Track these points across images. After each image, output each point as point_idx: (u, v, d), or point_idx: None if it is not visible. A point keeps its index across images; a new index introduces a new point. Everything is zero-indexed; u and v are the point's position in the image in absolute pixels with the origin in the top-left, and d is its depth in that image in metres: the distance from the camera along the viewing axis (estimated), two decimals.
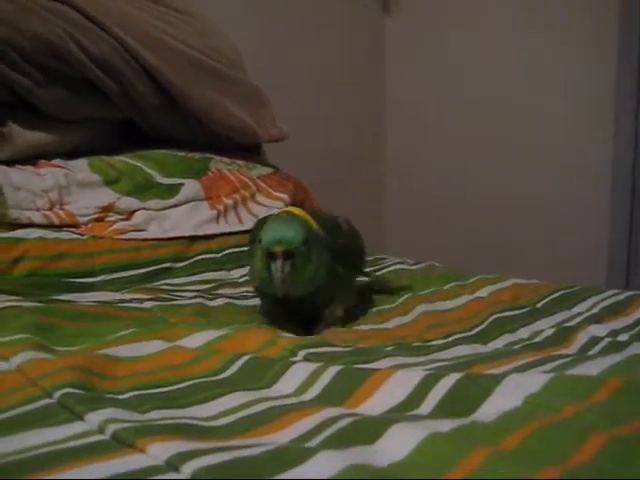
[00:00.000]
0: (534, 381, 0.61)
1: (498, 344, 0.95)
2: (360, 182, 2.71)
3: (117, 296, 1.18)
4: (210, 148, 1.75)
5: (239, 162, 1.74)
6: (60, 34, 1.51)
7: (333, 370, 0.69)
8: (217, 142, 1.77)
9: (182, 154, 1.67)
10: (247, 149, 1.87)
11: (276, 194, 1.67)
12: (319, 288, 1.01)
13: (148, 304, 1.11)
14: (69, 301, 1.10)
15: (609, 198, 2.27)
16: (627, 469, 0.47)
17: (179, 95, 1.66)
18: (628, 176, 2.21)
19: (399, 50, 2.80)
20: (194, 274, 1.39)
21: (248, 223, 1.56)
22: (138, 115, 1.67)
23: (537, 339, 0.96)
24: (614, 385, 0.60)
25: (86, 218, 1.39)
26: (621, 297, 1.20)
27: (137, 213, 1.45)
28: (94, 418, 0.55)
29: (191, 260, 1.43)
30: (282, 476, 0.45)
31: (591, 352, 0.87)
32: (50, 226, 1.34)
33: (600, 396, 0.59)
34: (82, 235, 1.35)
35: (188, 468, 0.45)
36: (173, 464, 0.46)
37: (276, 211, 1.62)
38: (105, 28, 1.58)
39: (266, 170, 1.78)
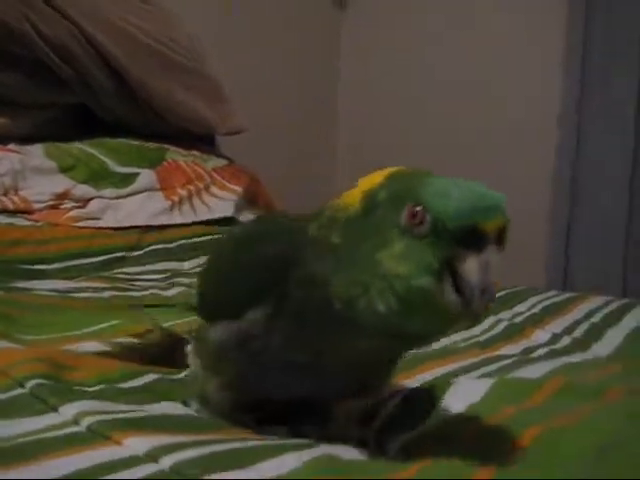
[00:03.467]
0: (477, 389, 0.66)
1: (443, 341, 1.00)
2: (311, 178, 2.73)
3: (72, 284, 1.19)
4: (165, 137, 1.76)
5: (195, 153, 1.76)
6: (16, 16, 1.51)
7: None
8: (173, 132, 1.78)
9: (138, 143, 1.67)
10: (201, 139, 1.89)
11: (230, 186, 1.70)
12: None
13: (106, 294, 1.13)
14: (25, 289, 1.11)
15: (550, 207, 2.34)
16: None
17: (137, 85, 1.67)
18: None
19: (354, 45, 2.83)
20: (148, 264, 1.40)
21: (202, 214, 1.58)
22: (93, 101, 1.67)
23: (483, 337, 1.01)
24: (552, 387, 0.66)
25: (41, 205, 1.39)
26: (560, 298, 1.28)
27: (92, 201, 1.46)
28: (68, 410, 0.57)
29: (145, 250, 1.44)
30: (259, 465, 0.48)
31: (534, 354, 0.92)
32: (4, 212, 1.34)
33: (539, 398, 0.64)
34: (37, 222, 1.35)
35: (168, 460, 0.48)
36: (152, 455, 0.49)
37: (231, 201, 1.65)
38: (63, 12, 1.57)
39: (221, 162, 1.80)
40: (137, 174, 1.57)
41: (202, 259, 1.45)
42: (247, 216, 1.68)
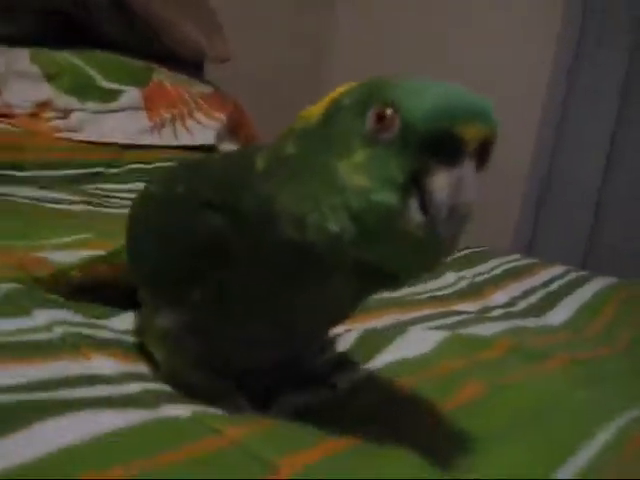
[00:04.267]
0: (429, 339, 0.69)
1: (402, 292, 1.03)
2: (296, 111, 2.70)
3: (47, 194, 1.20)
4: (150, 57, 1.73)
5: (182, 77, 1.74)
6: None
7: None
8: (162, 52, 1.75)
9: (126, 60, 1.65)
10: (189, 64, 1.87)
11: (214, 114, 1.69)
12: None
13: (78, 207, 1.14)
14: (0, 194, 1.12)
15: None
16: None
17: (134, 3, 1.64)
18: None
19: None
20: (124, 182, 1.40)
21: (183, 139, 1.58)
22: (84, 11, 1.64)
23: (442, 292, 1.05)
24: (501, 346, 0.70)
25: (22, 110, 1.38)
26: (522, 263, 1.32)
27: (75, 113, 1.45)
28: (42, 316, 0.59)
29: (123, 168, 1.44)
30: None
31: (489, 314, 0.96)
32: None
33: (487, 354, 0.68)
34: (16, 127, 1.34)
35: (136, 386, 0.51)
36: (118, 379, 0.51)
37: (214, 129, 1.64)
38: None
39: (207, 88, 1.79)
40: (122, 91, 1.56)
41: None
42: (228, 146, 1.68)
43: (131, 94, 1.56)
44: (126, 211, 1.15)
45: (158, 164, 1.49)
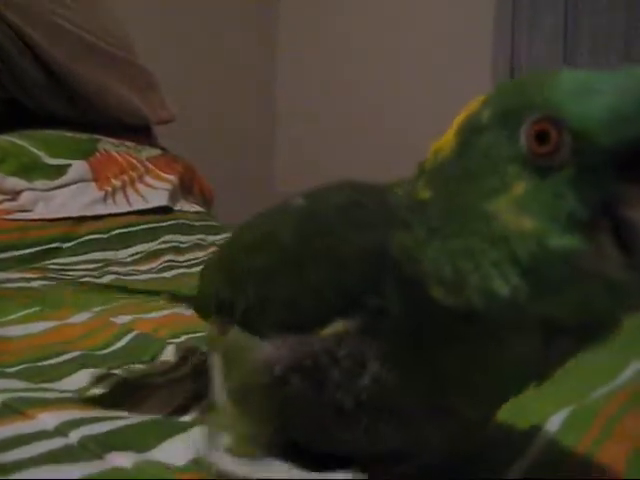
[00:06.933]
0: None
1: None
2: (247, 164, 2.74)
3: (3, 275, 1.19)
4: (98, 128, 1.76)
5: (127, 143, 1.76)
6: None
7: None
8: (105, 123, 1.78)
9: (70, 135, 1.67)
10: (136, 130, 1.89)
11: (164, 175, 1.71)
12: None
13: (35, 283, 1.13)
14: None
15: None
16: None
17: (68, 76, 1.66)
18: None
19: (290, 33, 2.84)
20: (82, 254, 1.40)
21: (136, 204, 1.59)
22: (22, 93, 1.66)
23: None
24: None
25: None
26: None
27: (23, 193, 1.45)
28: None
29: (79, 240, 1.44)
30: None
31: None
32: None
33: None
34: None
35: (76, 434, 0.50)
36: (62, 430, 0.51)
37: (166, 190, 1.65)
38: None
39: (154, 152, 1.81)
40: (69, 165, 1.57)
41: (137, 248, 1.46)
42: (183, 205, 1.69)
43: (77, 167, 1.57)
44: (85, 281, 1.18)
45: (114, 232, 1.50)
